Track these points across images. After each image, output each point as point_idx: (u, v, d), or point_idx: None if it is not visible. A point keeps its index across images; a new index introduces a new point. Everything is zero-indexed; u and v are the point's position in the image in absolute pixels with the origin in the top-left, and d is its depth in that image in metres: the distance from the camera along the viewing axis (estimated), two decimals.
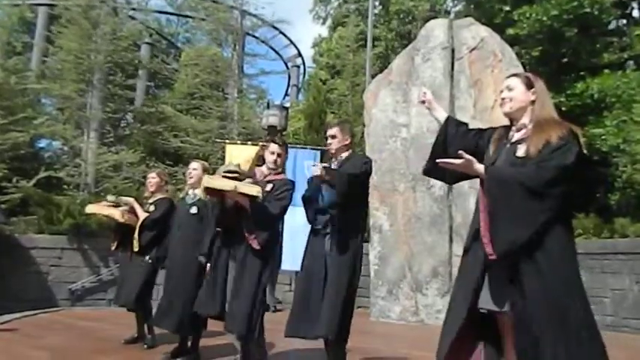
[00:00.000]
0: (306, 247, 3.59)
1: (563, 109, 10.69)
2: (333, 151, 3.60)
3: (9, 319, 5.83)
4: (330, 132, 3.61)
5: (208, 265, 3.92)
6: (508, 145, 2.28)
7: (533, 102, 2.30)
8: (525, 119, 2.29)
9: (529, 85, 2.33)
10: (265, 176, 3.75)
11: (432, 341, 2.34)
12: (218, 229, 3.84)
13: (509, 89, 2.36)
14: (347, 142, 3.61)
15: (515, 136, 2.29)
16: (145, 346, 4.61)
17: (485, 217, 2.09)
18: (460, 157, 2.17)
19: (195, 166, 4.36)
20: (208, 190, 3.64)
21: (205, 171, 4.30)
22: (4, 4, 15.70)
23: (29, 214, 9.28)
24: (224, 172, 3.60)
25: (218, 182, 3.58)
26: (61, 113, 12.47)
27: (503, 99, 2.37)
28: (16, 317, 6.00)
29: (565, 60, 11.81)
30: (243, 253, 3.55)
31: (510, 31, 11.28)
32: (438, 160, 2.21)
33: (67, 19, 12.05)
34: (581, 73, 11.26)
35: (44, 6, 14.78)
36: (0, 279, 7.46)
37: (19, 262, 8.31)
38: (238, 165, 3.69)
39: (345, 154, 3.60)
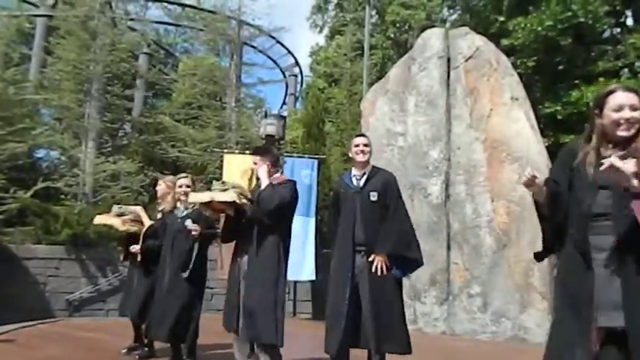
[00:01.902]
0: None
1: (560, 117, 10.76)
2: (366, 159, 3.66)
3: (6, 329, 5.81)
4: (363, 141, 3.66)
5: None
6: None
7: None
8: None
9: None
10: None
11: (429, 349, 2.35)
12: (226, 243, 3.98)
13: (635, 109, 2.08)
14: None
15: (615, 155, 2.04)
16: (137, 357, 4.59)
17: None
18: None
19: (187, 183, 4.38)
20: (203, 206, 3.85)
21: (193, 183, 4.43)
22: (2, 15, 15.77)
23: (27, 225, 9.26)
24: (211, 189, 3.76)
25: (197, 197, 3.82)
26: (59, 123, 12.48)
27: (628, 120, 2.07)
28: (14, 328, 5.97)
29: (560, 69, 11.91)
30: (254, 260, 3.58)
31: (505, 41, 11.39)
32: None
33: (66, 31, 12.10)
34: (576, 81, 11.35)
35: (42, 17, 14.84)
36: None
37: (17, 272, 8.29)
38: (223, 182, 3.83)
39: (367, 168, 3.68)
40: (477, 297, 6.77)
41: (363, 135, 3.78)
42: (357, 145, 3.64)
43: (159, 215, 4.72)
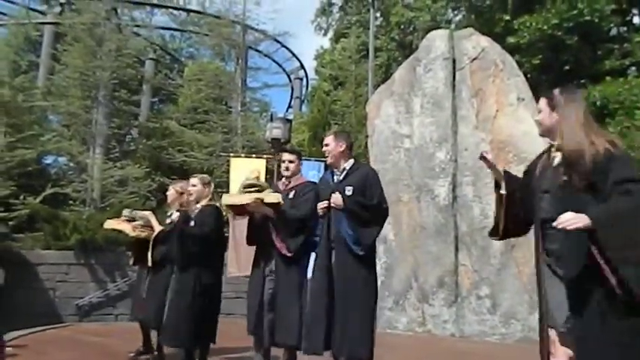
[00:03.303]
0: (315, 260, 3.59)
1: None
2: (331, 161, 3.59)
3: (17, 335, 5.86)
4: (325, 141, 3.64)
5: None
6: (551, 168, 2.23)
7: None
8: (559, 140, 2.23)
9: (552, 107, 2.26)
10: (287, 186, 3.88)
11: (439, 351, 2.34)
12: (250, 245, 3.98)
13: (538, 111, 2.34)
14: (342, 150, 3.56)
15: (556, 159, 2.23)
16: None
17: None
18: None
19: (194, 182, 4.36)
20: (231, 208, 3.80)
21: (205, 185, 4.36)
22: (10, 23, 15.94)
23: (36, 230, 9.32)
24: (244, 186, 3.74)
25: (237, 198, 3.76)
26: (67, 130, 12.57)
27: (536, 121, 2.37)
28: (24, 333, 6.03)
29: (566, 68, 11.86)
30: (280, 265, 3.65)
31: (511, 39, 11.36)
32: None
33: (72, 37, 12.20)
34: (583, 80, 11.30)
35: (50, 24, 14.99)
36: (8, 295, 7.49)
37: (27, 278, 8.34)
38: (257, 177, 3.79)
39: (347, 164, 3.57)
40: (486, 298, 6.75)
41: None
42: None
43: (168, 220, 4.72)
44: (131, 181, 11.24)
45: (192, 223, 4.21)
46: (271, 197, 3.60)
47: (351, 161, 3.59)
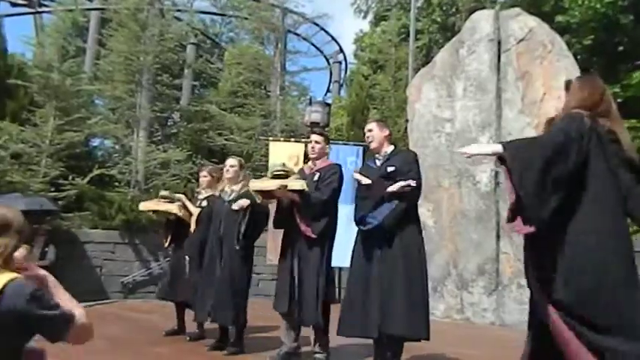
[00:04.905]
0: (355, 246, 3.60)
1: (619, 100, 10.18)
2: (375, 146, 3.69)
3: None
4: (367, 127, 3.76)
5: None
6: None
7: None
8: None
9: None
10: (312, 169, 3.96)
11: (479, 339, 2.28)
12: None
13: (560, 98, 2.51)
14: (385, 134, 3.69)
15: None
16: (188, 338, 4.74)
17: None
18: None
19: (233, 162, 4.45)
20: (259, 193, 3.92)
21: (242, 167, 4.47)
22: (58, 9, 16.44)
23: (84, 210, 9.70)
24: (272, 172, 3.86)
25: (264, 184, 3.87)
26: (112, 113, 12.95)
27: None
28: None
29: (620, 49, 11.24)
30: (303, 247, 3.75)
31: (560, 18, 10.85)
32: None
33: (117, 23, 12.48)
34: (638, 62, 10.69)
35: (96, 10, 15.38)
36: (59, 271, 7.89)
37: (75, 255, 8.72)
38: (283, 164, 3.94)
39: (388, 149, 3.68)
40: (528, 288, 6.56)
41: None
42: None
43: (204, 203, 4.77)
44: (173, 164, 11.49)
45: (236, 206, 4.26)
46: (296, 184, 3.70)
47: (392, 146, 3.73)
